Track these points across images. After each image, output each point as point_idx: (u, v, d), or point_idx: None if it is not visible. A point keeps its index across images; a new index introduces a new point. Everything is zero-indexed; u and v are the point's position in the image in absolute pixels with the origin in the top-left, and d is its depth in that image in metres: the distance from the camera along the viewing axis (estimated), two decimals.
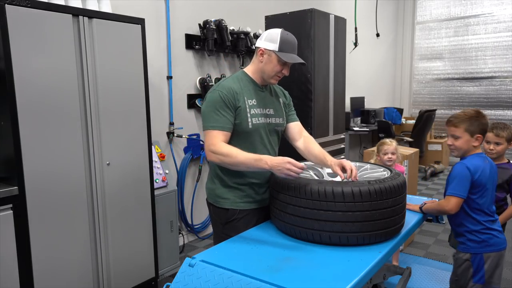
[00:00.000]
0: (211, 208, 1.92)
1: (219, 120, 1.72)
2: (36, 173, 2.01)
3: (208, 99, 1.77)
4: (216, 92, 1.75)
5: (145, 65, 2.50)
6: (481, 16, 6.88)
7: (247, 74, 1.86)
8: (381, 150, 2.80)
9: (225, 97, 1.72)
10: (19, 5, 1.89)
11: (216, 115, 1.72)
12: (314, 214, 1.55)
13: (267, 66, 1.79)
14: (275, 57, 1.77)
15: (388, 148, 2.76)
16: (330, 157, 1.85)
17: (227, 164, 1.70)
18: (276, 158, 1.59)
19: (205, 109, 1.76)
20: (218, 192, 1.85)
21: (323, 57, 3.67)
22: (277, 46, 1.75)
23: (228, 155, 1.66)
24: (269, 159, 1.59)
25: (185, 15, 3.47)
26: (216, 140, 1.70)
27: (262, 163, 1.60)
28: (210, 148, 1.70)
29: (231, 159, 1.66)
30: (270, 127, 1.87)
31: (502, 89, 6.82)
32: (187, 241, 3.65)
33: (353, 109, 5.99)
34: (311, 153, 1.93)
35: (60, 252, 2.14)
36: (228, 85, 1.77)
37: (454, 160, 7.20)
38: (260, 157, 1.62)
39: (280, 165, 1.54)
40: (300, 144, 1.99)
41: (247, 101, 1.79)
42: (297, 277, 1.33)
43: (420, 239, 3.66)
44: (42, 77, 2.00)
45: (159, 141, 3.26)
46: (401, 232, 1.71)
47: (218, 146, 1.68)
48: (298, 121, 2.04)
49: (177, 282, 1.40)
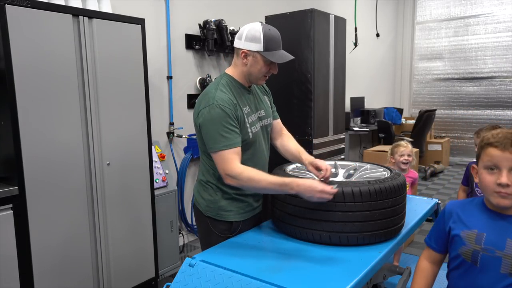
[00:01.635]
0: (207, 222, 1.75)
1: (229, 137, 1.56)
2: (36, 173, 2.01)
3: (208, 116, 1.57)
4: (217, 107, 1.56)
5: (145, 65, 2.50)
6: (481, 16, 6.88)
7: (233, 78, 1.70)
8: (396, 152, 2.79)
9: (229, 112, 1.57)
10: (19, 5, 1.89)
11: (225, 132, 1.56)
12: (314, 214, 1.55)
13: (253, 69, 1.64)
14: (261, 58, 1.62)
15: (404, 150, 2.76)
16: (306, 154, 1.79)
17: (248, 189, 1.61)
18: (304, 183, 1.47)
19: (210, 128, 1.57)
20: (220, 205, 1.72)
21: (323, 57, 3.67)
22: (261, 46, 1.59)
23: (250, 180, 1.53)
24: (295, 185, 1.47)
25: (185, 15, 3.47)
26: (233, 164, 1.55)
27: (287, 189, 1.50)
28: (228, 173, 1.55)
29: (254, 185, 1.54)
30: (264, 129, 1.80)
31: (502, 89, 6.82)
32: (187, 241, 3.65)
33: (353, 109, 5.99)
34: (287, 151, 1.87)
35: (60, 252, 2.14)
36: (226, 96, 1.61)
37: (454, 160, 7.21)
38: (285, 181, 1.50)
39: (311, 193, 1.46)
40: (278, 142, 1.92)
41: (243, 109, 1.66)
42: (297, 277, 1.33)
43: (420, 239, 3.66)
44: (42, 77, 2.00)
45: (159, 141, 3.26)
46: (401, 232, 1.71)
47: (237, 170, 1.54)
48: (279, 118, 1.95)
49: (177, 282, 1.40)
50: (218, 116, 1.56)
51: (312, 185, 1.46)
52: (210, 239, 1.75)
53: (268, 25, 1.65)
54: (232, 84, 1.69)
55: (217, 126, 1.56)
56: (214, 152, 1.59)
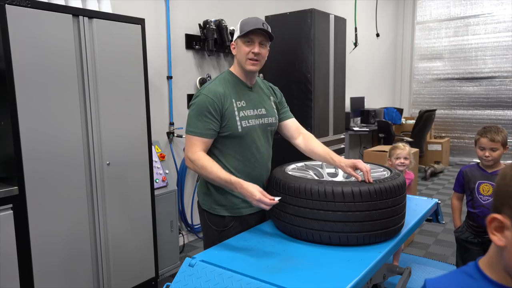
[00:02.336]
0: (204, 215, 1.84)
1: (200, 126, 1.67)
2: (36, 173, 2.01)
3: (194, 101, 1.72)
4: (202, 96, 1.69)
5: (145, 65, 2.50)
6: (481, 16, 6.88)
7: (233, 73, 1.79)
8: (393, 155, 2.74)
9: (210, 102, 1.67)
10: (19, 5, 1.89)
11: (197, 120, 1.67)
12: (314, 214, 1.55)
13: (238, 54, 1.74)
14: (240, 41, 1.72)
15: (400, 153, 2.70)
16: (338, 156, 1.79)
17: (201, 175, 1.70)
18: (247, 186, 1.53)
19: (190, 113, 1.72)
20: (214, 199, 1.79)
21: (323, 57, 3.67)
22: (238, 32, 1.70)
23: (203, 168, 1.63)
24: (239, 186, 1.55)
25: (185, 15, 3.47)
26: (195, 148, 1.67)
27: (232, 187, 1.59)
28: (188, 155, 1.68)
29: (205, 174, 1.64)
30: (263, 127, 1.81)
31: (502, 89, 6.82)
32: (187, 241, 3.65)
33: (353, 109, 5.99)
34: (314, 153, 1.87)
35: (60, 252, 2.14)
36: (214, 88, 1.70)
37: (454, 160, 7.21)
38: (231, 180, 1.58)
39: (251, 196, 1.51)
40: (300, 142, 1.93)
41: (235, 103, 1.72)
42: (297, 277, 1.33)
43: (420, 239, 3.66)
44: (42, 77, 2.00)
45: (159, 141, 3.26)
46: (401, 232, 1.71)
47: (196, 155, 1.66)
48: (293, 117, 1.97)
49: (177, 282, 1.40)
50: (200, 103, 1.68)
51: (253, 192, 1.50)
52: (206, 231, 1.86)
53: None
54: (229, 79, 1.78)
55: (195, 112, 1.69)
56: (186, 133, 1.72)
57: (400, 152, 2.71)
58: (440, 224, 3.98)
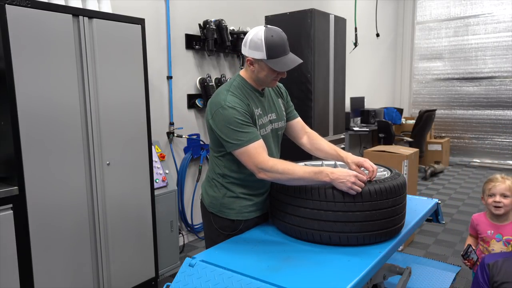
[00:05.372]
0: (210, 217, 1.77)
1: (249, 132, 1.55)
2: (36, 173, 2.01)
3: (221, 118, 1.56)
4: (229, 110, 1.55)
5: (145, 65, 2.50)
6: (481, 16, 6.87)
7: (246, 81, 1.69)
8: (484, 191, 2.10)
9: (241, 109, 1.57)
10: (19, 5, 1.89)
11: (242, 129, 1.54)
12: (314, 214, 1.55)
13: (261, 75, 1.63)
14: (265, 65, 1.59)
15: (494, 188, 2.02)
16: (345, 152, 1.77)
17: (282, 181, 1.57)
18: (339, 170, 1.49)
19: (226, 128, 1.55)
20: (223, 202, 1.73)
21: (323, 57, 3.67)
22: (264, 54, 1.55)
23: (285, 172, 1.51)
24: (330, 172, 1.48)
25: (185, 15, 3.47)
26: (260, 157, 1.54)
27: (322, 176, 1.50)
28: (261, 167, 1.53)
29: (289, 176, 1.52)
30: (274, 132, 1.78)
31: (502, 89, 6.82)
32: (187, 241, 3.65)
33: (353, 109, 5.99)
34: (320, 150, 1.85)
35: (60, 252, 2.14)
36: (237, 99, 1.60)
37: (454, 160, 7.21)
38: (320, 169, 1.50)
39: (345, 178, 1.47)
40: (305, 141, 1.92)
41: (255, 111, 1.65)
42: (297, 277, 1.33)
43: (420, 239, 3.66)
44: (42, 77, 2.00)
45: (159, 141, 3.26)
46: (401, 232, 1.71)
47: (270, 163, 1.53)
48: (298, 117, 1.94)
49: (177, 282, 1.40)
50: (232, 115, 1.55)
51: (347, 173, 1.48)
52: (211, 234, 1.79)
53: (273, 30, 1.58)
54: (244, 86, 1.68)
55: (233, 125, 1.55)
56: (237, 150, 1.56)
57: (494, 186, 2.02)
58: (440, 224, 3.97)
